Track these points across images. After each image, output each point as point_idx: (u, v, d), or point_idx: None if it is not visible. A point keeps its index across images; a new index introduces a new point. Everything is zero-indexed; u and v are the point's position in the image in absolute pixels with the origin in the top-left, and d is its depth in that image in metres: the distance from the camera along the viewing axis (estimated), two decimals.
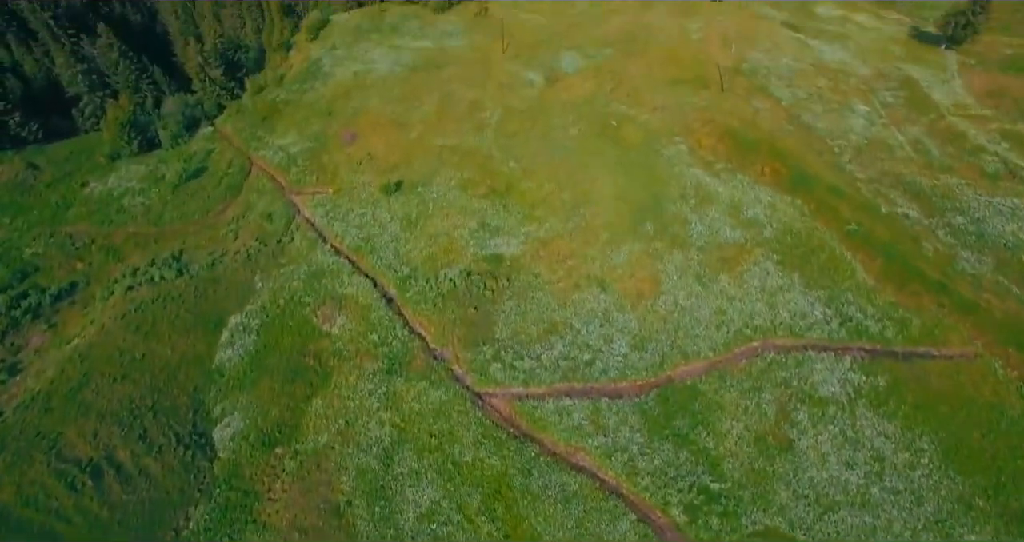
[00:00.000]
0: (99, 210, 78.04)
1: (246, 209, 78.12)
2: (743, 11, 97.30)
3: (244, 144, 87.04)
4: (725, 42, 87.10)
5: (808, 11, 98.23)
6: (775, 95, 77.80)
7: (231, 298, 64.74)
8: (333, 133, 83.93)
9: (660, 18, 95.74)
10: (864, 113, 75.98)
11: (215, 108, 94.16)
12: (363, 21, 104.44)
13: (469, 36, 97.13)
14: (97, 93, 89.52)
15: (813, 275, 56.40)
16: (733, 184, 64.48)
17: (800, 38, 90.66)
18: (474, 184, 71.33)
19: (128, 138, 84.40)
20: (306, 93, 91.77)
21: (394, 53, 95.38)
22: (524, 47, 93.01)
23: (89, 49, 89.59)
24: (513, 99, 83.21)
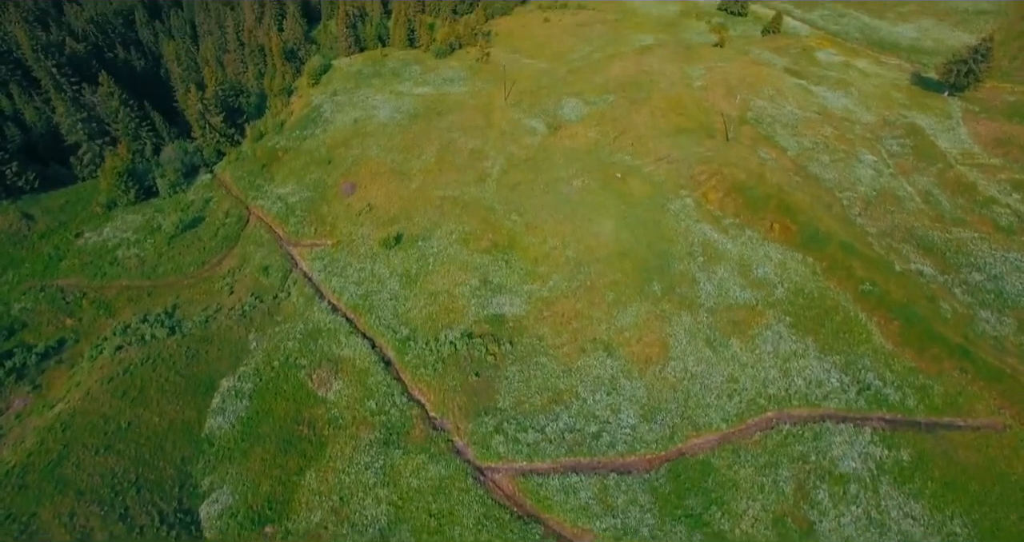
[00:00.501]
0: (92, 262, 76.26)
1: (242, 261, 76.40)
2: (744, 57, 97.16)
3: (242, 193, 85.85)
4: (729, 90, 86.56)
5: (810, 57, 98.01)
6: (781, 145, 76.74)
7: (224, 359, 62.48)
8: (332, 182, 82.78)
9: (661, 64, 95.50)
10: (871, 163, 74.77)
11: (215, 155, 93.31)
12: (364, 66, 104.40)
13: (471, 82, 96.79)
14: (97, 141, 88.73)
15: (828, 339, 54.24)
16: (742, 241, 62.77)
17: (803, 85, 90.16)
18: (475, 238, 69.67)
19: (125, 187, 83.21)
20: (306, 140, 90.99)
21: (395, 99, 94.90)
22: (525, 93, 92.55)
23: (90, 97, 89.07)
24: (515, 148, 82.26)
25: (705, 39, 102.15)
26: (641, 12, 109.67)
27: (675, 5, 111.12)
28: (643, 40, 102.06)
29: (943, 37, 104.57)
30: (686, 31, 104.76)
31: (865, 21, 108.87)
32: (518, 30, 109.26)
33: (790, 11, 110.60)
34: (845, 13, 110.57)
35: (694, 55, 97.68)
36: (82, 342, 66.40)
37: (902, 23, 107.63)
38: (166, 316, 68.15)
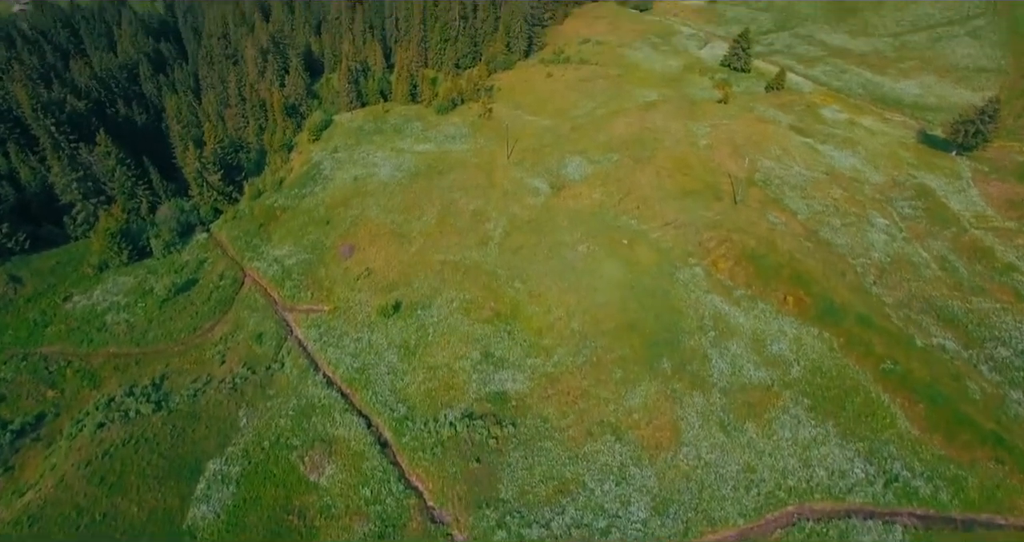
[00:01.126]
0: (79, 328, 73.66)
1: (236, 327, 73.77)
2: (749, 114, 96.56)
3: (238, 253, 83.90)
4: (735, 149, 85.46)
5: (814, 114, 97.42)
6: (790, 208, 75.00)
7: (212, 437, 59.21)
8: (331, 244, 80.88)
9: (665, 121, 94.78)
10: (883, 227, 72.83)
11: (211, 213, 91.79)
12: (366, 122, 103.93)
13: (473, 139, 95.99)
14: (91, 200, 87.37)
15: (849, 423, 51.12)
16: (754, 314, 60.23)
17: (809, 144, 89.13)
18: (477, 306, 67.21)
19: (118, 248, 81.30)
20: (305, 199, 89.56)
21: (396, 157, 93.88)
22: (528, 151, 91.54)
23: (87, 157, 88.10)
24: (517, 208, 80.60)
25: (709, 95, 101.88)
26: (644, 68, 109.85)
27: (677, 61, 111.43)
28: (647, 96, 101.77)
29: (946, 94, 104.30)
30: (690, 87, 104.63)
31: (867, 77, 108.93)
32: (520, 85, 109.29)
33: (792, 67, 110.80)
34: (847, 69, 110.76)
35: (698, 112, 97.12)
36: (63, 417, 63.23)
37: (904, 79, 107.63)
38: (153, 388, 65.17)
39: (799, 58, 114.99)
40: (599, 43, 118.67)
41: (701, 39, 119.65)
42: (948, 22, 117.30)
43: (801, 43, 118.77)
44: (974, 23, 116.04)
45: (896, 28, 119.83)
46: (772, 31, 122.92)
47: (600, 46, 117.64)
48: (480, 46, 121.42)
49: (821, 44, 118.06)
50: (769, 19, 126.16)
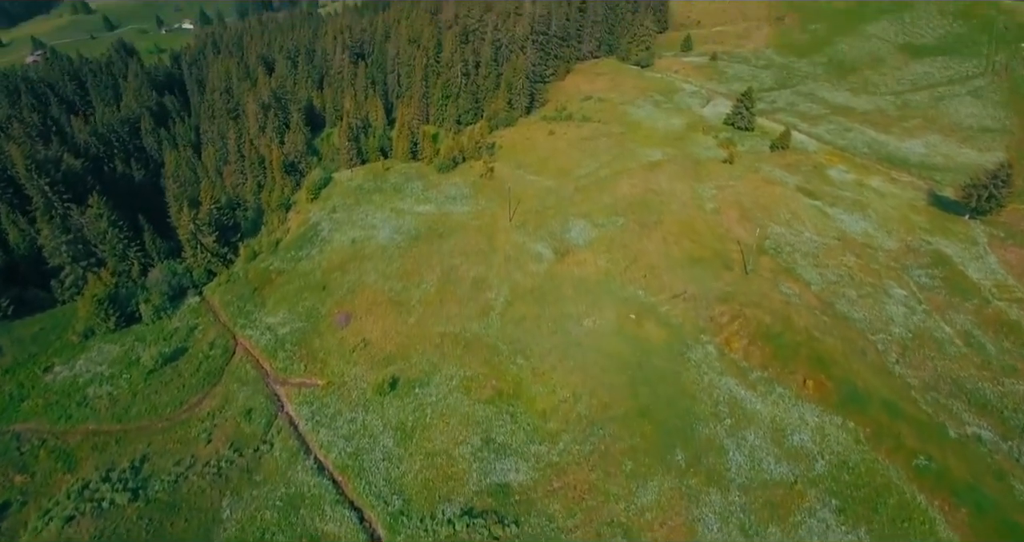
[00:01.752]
0: (58, 402, 69.77)
1: (224, 402, 69.95)
2: (755, 175, 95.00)
3: (231, 320, 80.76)
4: (743, 213, 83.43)
5: (821, 175, 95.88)
6: (804, 278, 72.30)
7: (192, 532, 54.78)
8: (326, 312, 77.86)
9: (670, 182, 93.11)
10: (902, 298, 69.95)
11: (205, 276, 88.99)
12: (366, 180, 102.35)
13: (474, 200, 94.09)
14: (81, 263, 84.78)
15: (884, 529, 46.97)
16: (773, 399, 56.71)
17: (818, 206, 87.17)
18: (478, 384, 63.72)
19: (105, 314, 78.14)
20: (301, 261, 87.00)
21: (396, 218, 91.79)
22: (531, 214, 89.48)
23: (78, 218, 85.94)
24: (520, 276, 77.90)
25: (714, 154, 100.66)
26: (647, 126, 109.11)
27: (680, 119, 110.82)
28: (651, 155, 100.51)
29: (952, 154, 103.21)
30: (694, 146, 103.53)
31: (872, 135, 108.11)
32: (522, 143, 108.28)
33: (796, 125, 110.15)
34: (851, 127, 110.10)
35: (704, 172, 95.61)
36: (30, 506, 58.65)
37: (909, 138, 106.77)
38: (132, 472, 60.96)
39: (802, 116, 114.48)
40: (601, 100, 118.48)
41: (703, 97, 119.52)
42: (949, 82, 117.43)
43: (803, 101, 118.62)
44: (974, 83, 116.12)
45: (897, 86, 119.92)
46: (774, 89, 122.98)
47: (602, 103, 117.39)
48: (482, 102, 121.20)
49: (823, 102, 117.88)
50: (770, 77, 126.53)
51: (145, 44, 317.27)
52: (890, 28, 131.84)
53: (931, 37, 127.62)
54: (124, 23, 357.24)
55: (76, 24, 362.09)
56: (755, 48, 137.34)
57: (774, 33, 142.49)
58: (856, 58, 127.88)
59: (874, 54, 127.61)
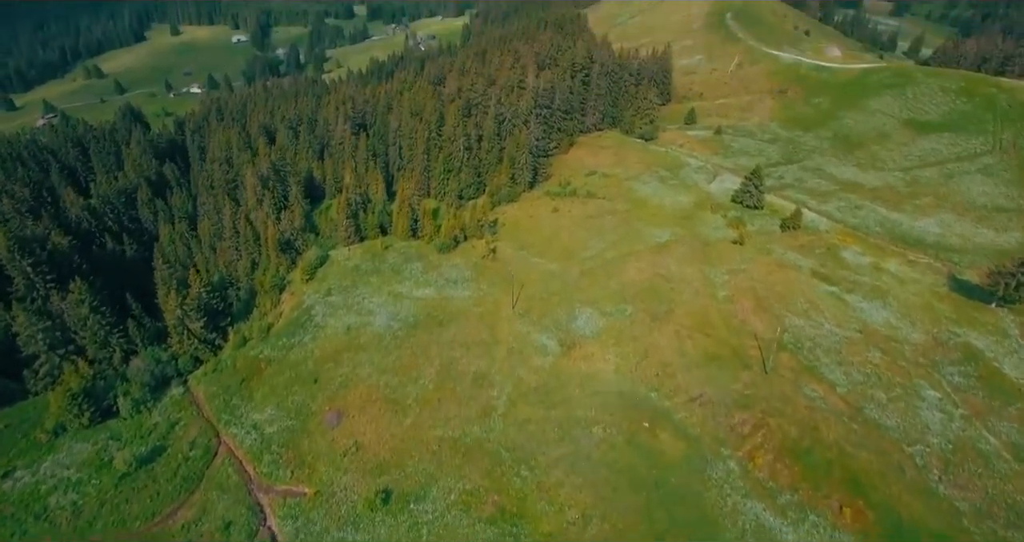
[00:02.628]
0: (13, 516, 63.56)
1: (202, 512, 63.91)
2: (767, 258, 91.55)
3: (215, 415, 75.44)
4: (758, 303, 79.38)
5: (836, 257, 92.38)
6: (828, 378, 67.44)
7: None
8: (317, 408, 72.66)
9: (680, 266, 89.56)
10: (936, 402, 64.88)
11: (191, 363, 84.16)
12: (363, 260, 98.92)
13: (476, 284, 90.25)
14: (58, 351, 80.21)
15: None
16: (806, 529, 50.96)
17: (835, 293, 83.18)
18: (478, 500, 57.98)
19: (79, 409, 72.86)
20: (293, 349, 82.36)
21: (394, 303, 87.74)
22: (535, 300, 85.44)
23: (59, 304, 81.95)
24: (524, 371, 73.09)
25: (723, 234, 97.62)
26: (653, 203, 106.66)
27: (687, 196, 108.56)
28: (658, 236, 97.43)
29: (968, 234, 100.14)
30: (702, 225, 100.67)
31: (883, 214, 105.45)
32: (526, 220, 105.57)
33: (805, 202, 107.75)
34: (861, 205, 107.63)
35: (714, 255, 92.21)
36: None
37: (922, 217, 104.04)
38: None
39: (811, 192, 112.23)
40: (606, 175, 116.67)
41: (709, 172, 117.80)
42: (957, 158, 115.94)
43: (811, 176, 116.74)
44: (983, 161, 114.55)
45: (905, 162, 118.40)
46: (780, 163, 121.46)
47: (607, 179, 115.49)
48: (484, 177, 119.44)
49: (832, 178, 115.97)
50: (776, 151, 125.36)
51: (153, 107, 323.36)
52: (894, 103, 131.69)
53: (935, 113, 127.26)
54: (134, 87, 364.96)
55: (88, 88, 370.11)
56: (759, 121, 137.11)
57: (778, 106, 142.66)
58: (862, 133, 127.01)
59: (879, 129, 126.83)
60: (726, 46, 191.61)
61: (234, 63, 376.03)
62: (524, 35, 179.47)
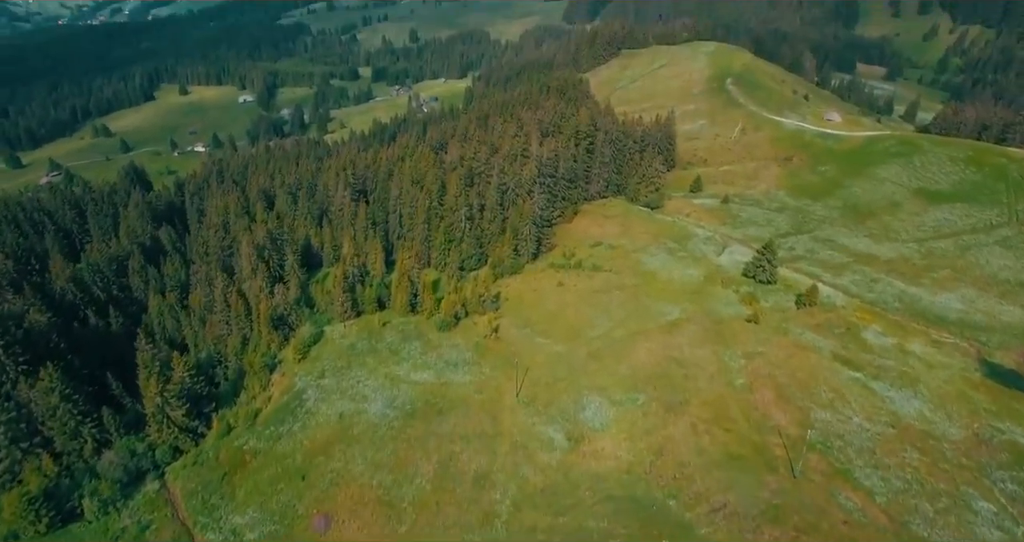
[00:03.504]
0: None
1: None
2: (784, 338, 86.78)
3: (191, 517, 69.06)
4: (779, 392, 74.15)
5: (857, 338, 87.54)
6: (864, 485, 61.45)
7: None
8: (304, 511, 66.42)
9: (692, 347, 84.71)
10: (991, 515, 58.67)
11: (170, 454, 78.09)
12: (359, 339, 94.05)
13: (477, 367, 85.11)
14: (21, 444, 74.19)
15: None
16: None
17: (861, 380, 77.92)
18: None
19: (36, 515, 66.28)
20: (281, 440, 76.52)
21: (390, 387, 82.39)
22: (540, 386, 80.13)
23: (26, 392, 76.52)
24: (529, 469, 67.10)
25: (736, 311, 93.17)
26: (661, 277, 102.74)
27: (697, 269, 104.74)
28: (668, 313, 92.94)
29: (993, 311, 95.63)
30: (713, 300, 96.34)
31: (900, 288, 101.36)
32: (529, 295, 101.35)
33: (819, 275, 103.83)
34: (877, 278, 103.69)
35: (728, 335, 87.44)
36: None
37: (942, 292, 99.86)
38: None
39: (824, 265, 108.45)
40: (612, 247, 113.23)
41: (718, 243, 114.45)
42: (972, 230, 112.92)
43: (823, 247, 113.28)
44: (1001, 233, 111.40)
45: (918, 233, 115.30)
46: (790, 233, 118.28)
47: (613, 250, 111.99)
48: (486, 247, 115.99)
49: (844, 249, 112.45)
50: (785, 221, 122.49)
51: (157, 165, 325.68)
52: (902, 172, 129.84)
53: (945, 183, 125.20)
54: (140, 145, 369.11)
55: (95, 146, 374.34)
56: (766, 189, 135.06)
57: (783, 173, 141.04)
58: (871, 202, 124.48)
59: (890, 198, 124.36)
60: (728, 111, 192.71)
61: (239, 122, 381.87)
62: (527, 101, 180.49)
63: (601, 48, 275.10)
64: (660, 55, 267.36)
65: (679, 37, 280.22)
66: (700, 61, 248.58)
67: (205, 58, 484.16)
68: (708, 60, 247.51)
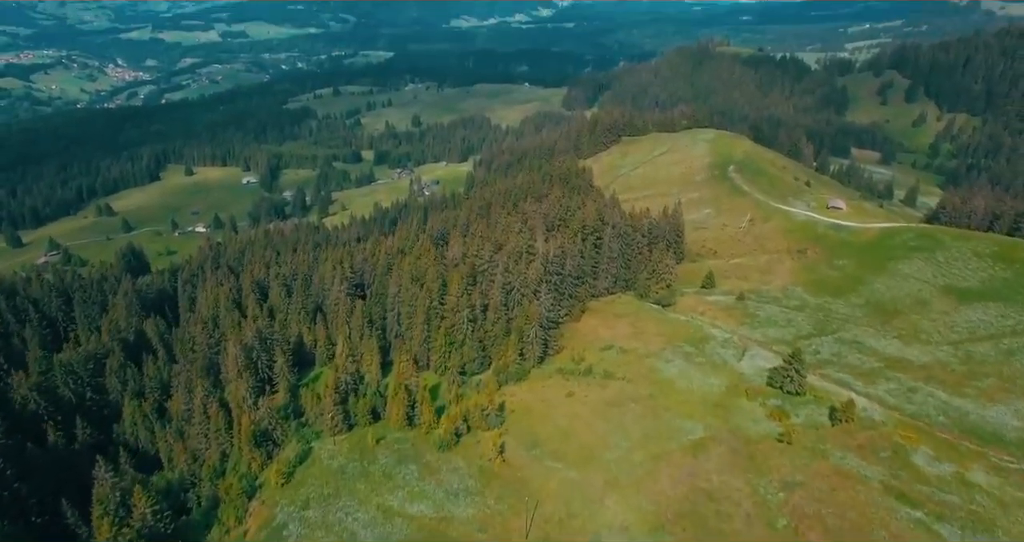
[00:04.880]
0: None
1: None
2: (823, 462, 77.63)
3: None
4: (826, 533, 64.12)
5: (906, 463, 78.25)
6: None
7: None
8: None
9: (722, 474, 75.38)
10: None
11: None
12: (350, 459, 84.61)
13: (481, 497, 75.41)
14: None
15: None
16: None
17: (923, 521, 68.13)
18: None
19: None
20: None
21: (383, 522, 72.47)
22: (552, 523, 70.23)
23: None
24: None
25: (765, 429, 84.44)
26: (680, 387, 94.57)
27: (718, 378, 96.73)
28: (690, 430, 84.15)
29: None
30: (738, 415, 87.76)
31: (943, 398, 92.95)
32: (537, 406, 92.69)
33: (850, 383, 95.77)
34: (915, 387, 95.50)
35: (760, 459, 78.36)
36: None
37: (991, 404, 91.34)
38: None
39: (854, 371, 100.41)
40: (623, 350, 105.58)
41: (738, 346, 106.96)
42: (1012, 332, 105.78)
43: (851, 351, 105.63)
44: None
45: (952, 335, 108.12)
46: (813, 335, 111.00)
47: (625, 355, 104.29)
48: (489, 350, 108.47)
49: (874, 353, 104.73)
50: (806, 321, 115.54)
51: (156, 246, 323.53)
52: (925, 268, 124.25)
53: (974, 280, 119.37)
54: (142, 225, 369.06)
55: (97, 225, 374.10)
56: (783, 285, 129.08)
57: (799, 268, 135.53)
58: (897, 300, 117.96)
59: (916, 296, 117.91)
60: (733, 199, 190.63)
61: (242, 203, 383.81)
62: (529, 189, 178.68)
63: (602, 135, 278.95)
64: (660, 142, 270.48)
65: (678, 124, 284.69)
66: (700, 148, 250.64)
67: (212, 140, 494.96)
68: (708, 147, 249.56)
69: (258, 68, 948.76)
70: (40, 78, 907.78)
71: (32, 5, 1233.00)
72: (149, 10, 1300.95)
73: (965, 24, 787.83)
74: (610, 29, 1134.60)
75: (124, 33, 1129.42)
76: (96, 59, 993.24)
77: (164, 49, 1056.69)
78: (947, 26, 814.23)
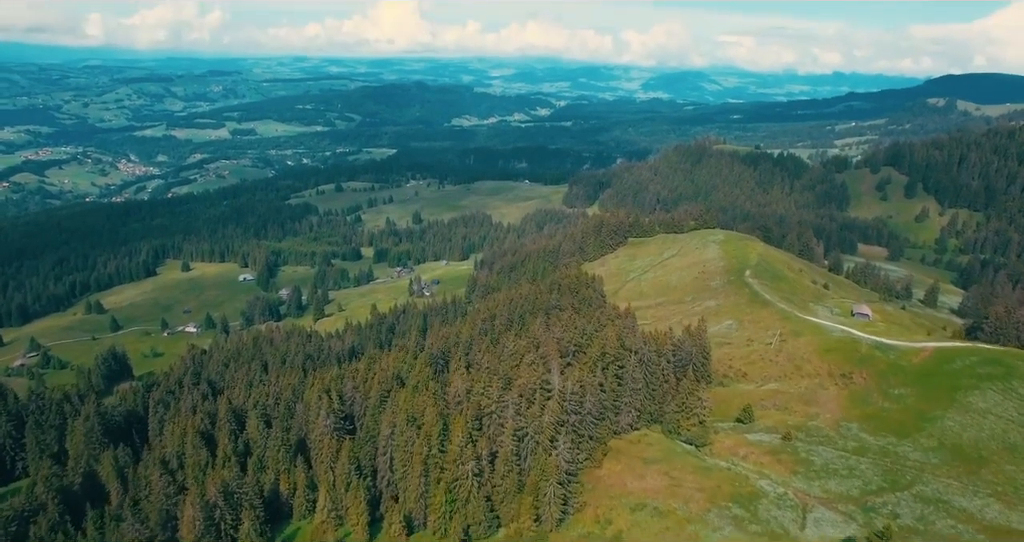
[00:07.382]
0: None
1: None
2: None
3: None
4: None
5: None
6: None
7: None
8: None
9: None
10: None
11: None
12: None
13: None
14: None
15: None
16: None
17: None
18: None
19: None
20: None
21: None
22: None
23: None
24: None
25: None
26: None
27: None
28: None
29: None
30: None
31: None
32: None
33: None
34: None
35: None
36: None
37: None
38: None
39: None
40: (659, 511, 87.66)
41: (796, 505, 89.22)
42: None
43: (938, 514, 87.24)
44: None
45: None
46: (885, 489, 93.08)
47: (662, 518, 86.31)
48: (498, 509, 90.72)
49: (969, 518, 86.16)
50: (872, 469, 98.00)
51: (143, 347, 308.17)
52: (1005, 402, 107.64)
53: None
54: (131, 323, 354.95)
55: (84, 323, 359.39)
56: (833, 420, 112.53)
57: (847, 397, 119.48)
58: (978, 442, 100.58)
59: (1002, 438, 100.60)
60: (755, 308, 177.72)
61: (237, 301, 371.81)
62: (536, 301, 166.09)
63: (607, 236, 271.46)
64: (669, 244, 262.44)
65: (686, 225, 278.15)
66: (712, 251, 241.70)
67: (212, 235, 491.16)
68: (720, 250, 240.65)
69: (264, 164, 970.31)
70: (54, 173, 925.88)
71: (58, 106, 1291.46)
72: (165, 109, 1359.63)
73: (945, 123, 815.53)
74: (606, 127, 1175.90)
75: (139, 130, 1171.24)
76: (110, 155, 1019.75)
77: (175, 145, 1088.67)
78: (928, 125, 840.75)
